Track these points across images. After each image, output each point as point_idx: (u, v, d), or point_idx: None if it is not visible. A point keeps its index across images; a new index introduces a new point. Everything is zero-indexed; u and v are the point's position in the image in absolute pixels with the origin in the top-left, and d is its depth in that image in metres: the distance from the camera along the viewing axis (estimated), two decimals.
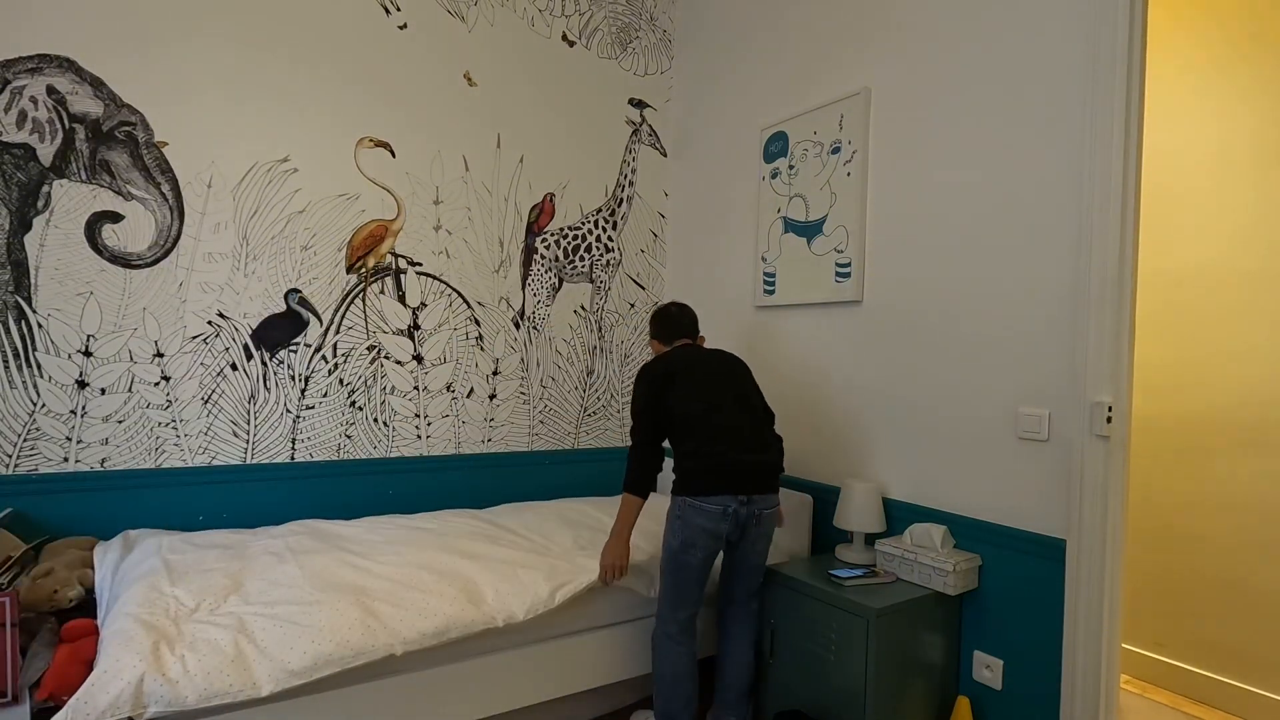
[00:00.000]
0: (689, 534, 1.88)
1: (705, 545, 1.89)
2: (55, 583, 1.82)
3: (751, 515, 1.91)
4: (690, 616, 1.96)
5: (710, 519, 1.87)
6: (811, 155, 2.58)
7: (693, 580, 1.93)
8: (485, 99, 2.88)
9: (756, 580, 2.05)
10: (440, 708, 1.79)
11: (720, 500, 1.87)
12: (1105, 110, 1.72)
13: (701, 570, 1.92)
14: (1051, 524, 1.84)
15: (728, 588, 2.06)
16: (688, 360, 2.05)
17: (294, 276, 2.50)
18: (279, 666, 1.50)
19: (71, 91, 2.14)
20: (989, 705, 1.97)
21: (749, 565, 2.01)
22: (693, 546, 1.89)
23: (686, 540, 1.89)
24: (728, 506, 1.87)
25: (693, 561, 1.90)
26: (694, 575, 1.92)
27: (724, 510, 1.87)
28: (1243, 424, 2.29)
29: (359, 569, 1.90)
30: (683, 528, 1.90)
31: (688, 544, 1.89)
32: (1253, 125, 2.31)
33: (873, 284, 2.35)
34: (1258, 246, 2.29)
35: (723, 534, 1.89)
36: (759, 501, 1.92)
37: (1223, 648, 2.32)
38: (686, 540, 1.89)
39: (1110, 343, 1.71)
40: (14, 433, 2.09)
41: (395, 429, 2.72)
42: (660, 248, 3.40)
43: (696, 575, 1.92)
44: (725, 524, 1.88)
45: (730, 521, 1.88)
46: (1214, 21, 2.40)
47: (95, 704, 1.32)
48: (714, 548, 1.91)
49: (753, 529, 1.93)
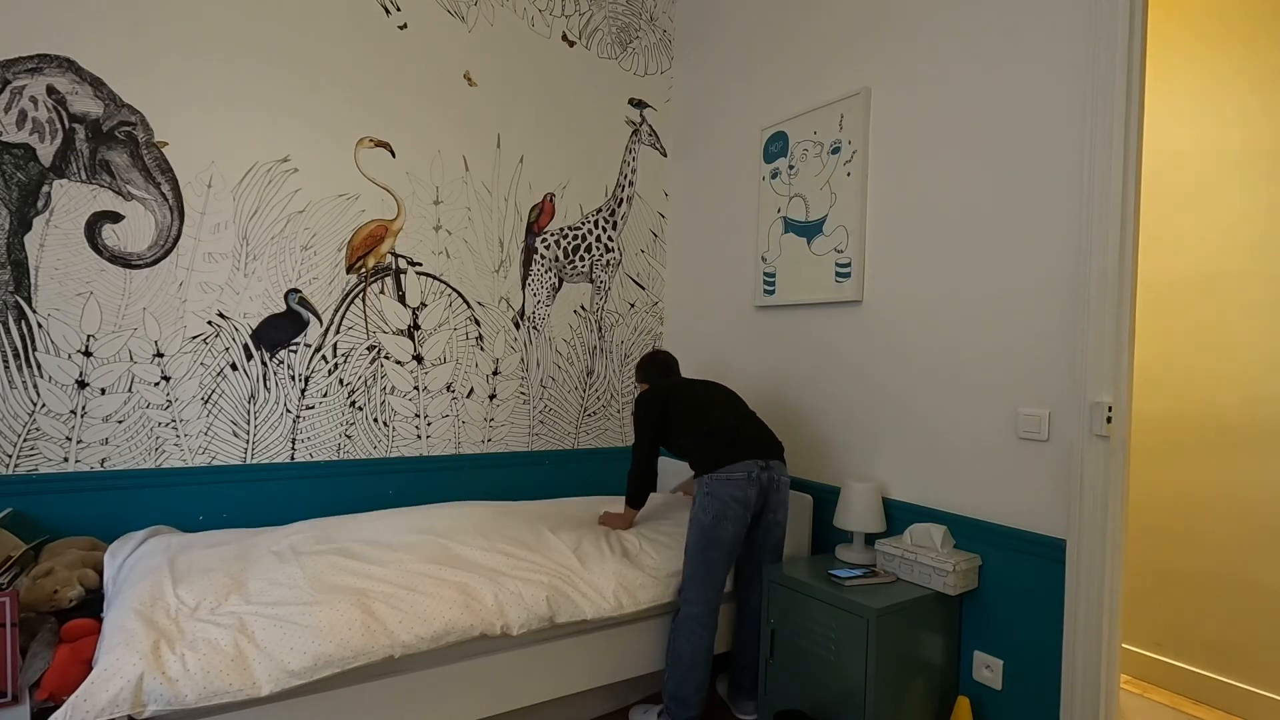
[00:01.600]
0: (720, 506, 2.01)
1: (736, 516, 2.02)
2: (55, 583, 1.82)
3: (772, 481, 2.09)
4: (717, 598, 2.06)
5: (739, 487, 2.02)
6: (811, 155, 2.58)
7: (723, 556, 2.03)
8: (485, 99, 2.88)
9: (778, 558, 2.18)
10: (440, 708, 1.79)
11: (744, 467, 2.04)
12: (1105, 109, 1.72)
13: (731, 546, 2.04)
14: (1051, 524, 1.84)
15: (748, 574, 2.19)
16: (682, 384, 2.33)
17: (294, 276, 2.50)
18: (279, 666, 1.51)
19: (71, 91, 2.14)
20: (989, 705, 1.97)
21: (771, 542, 2.15)
22: (724, 519, 2.01)
23: (719, 514, 2.01)
24: (751, 472, 2.04)
25: (724, 536, 2.02)
26: (724, 551, 2.03)
27: (749, 475, 2.03)
28: (1243, 423, 2.29)
29: (360, 571, 1.89)
30: (714, 502, 2.02)
31: (720, 517, 2.01)
32: (1253, 125, 2.31)
33: (873, 284, 2.35)
34: (1258, 246, 2.29)
35: (750, 502, 2.03)
36: (776, 468, 2.11)
37: (1223, 648, 2.32)
38: (719, 514, 2.01)
39: (1110, 343, 1.71)
40: (14, 433, 2.09)
41: (395, 429, 2.72)
42: (660, 248, 3.40)
43: (727, 551, 2.04)
44: (752, 490, 2.03)
45: (755, 487, 2.04)
46: (1215, 21, 2.40)
47: (95, 701, 1.32)
48: (743, 518, 2.04)
49: (774, 495, 2.10)
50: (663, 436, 2.26)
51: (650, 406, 2.26)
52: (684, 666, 2.01)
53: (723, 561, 2.04)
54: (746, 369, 2.87)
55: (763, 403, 2.77)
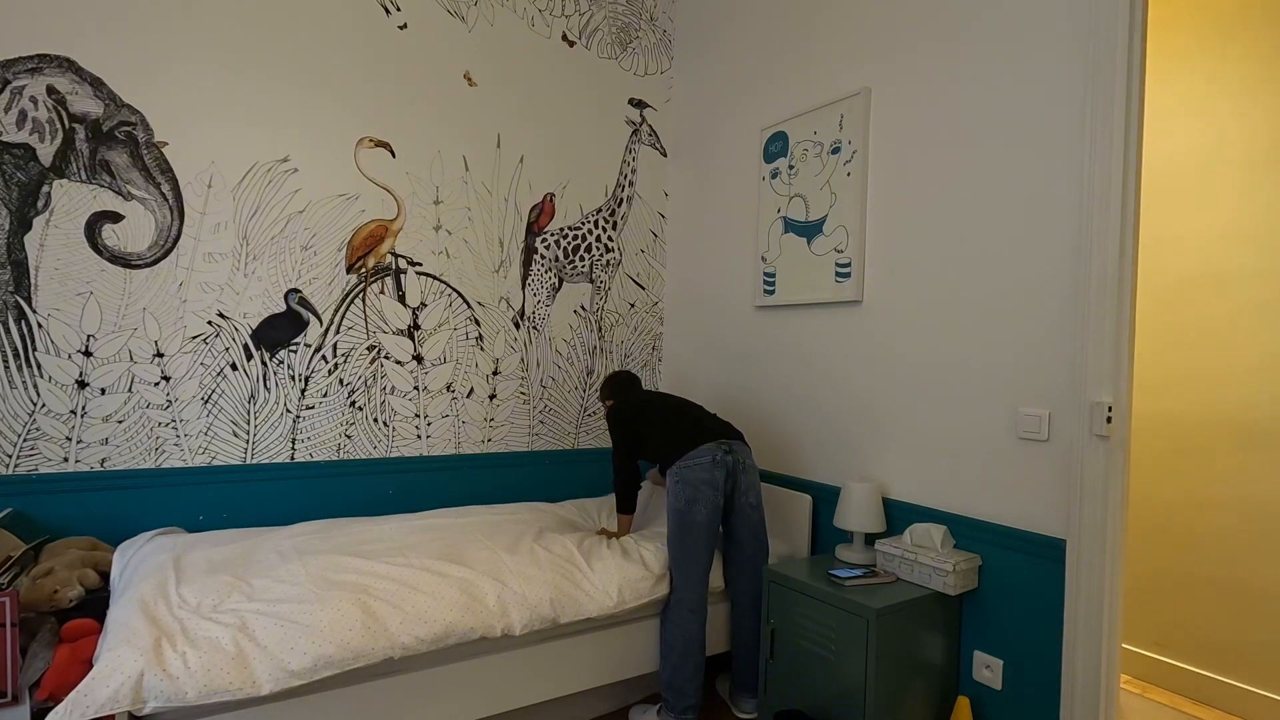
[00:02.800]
0: (691, 490, 2.10)
1: (708, 498, 2.10)
2: (55, 583, 1.82)
3: (737, 463, 2.18)
4: (703, 582, 2.11)
5: (705, 470, 2.11)
6: (811, 155, 2.58)
7: (701, 539, 2.09)
8: (485, 99, 2.88)
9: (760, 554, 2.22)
10: (440, 708, 1.79)
11: (706, 450, 2.14)
12: (1105, 110, 1.72)
13: (709, 529, 2.10)
14: (1051, 524, 1.84)
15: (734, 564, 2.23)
16: (647, 399, 2.43)
17: (294, 276, 2.50)
18: (279, 666, 1.51)
19: (71, 91, 2.14)
20: (989, 705, 1.97)
21: (750, 525, 2.20)
22: (696, 502, 2.09)
23: (690, 498, 2.09)
24: (715, 455, 2.13)
25: (699, 519, 2.09)
26: (702, 534, 2.09)
27: (714, 459, 2.13)
28: (1243, 423, 2.29)
29: (362, 570, 1.89)
30: (684, 486, 2.11)
31: (692, 500, 2.09)
32: (1254, 125, 2.31)
33: (873, 284, 2.35)
34: (1258, 246, 2.29)
35: (718, 483, 2.12)
36: (739, 450, 2.20)
37: (1223, 648, 2.32)
38: (690, 498, 2.09)
39: (1110, 343, 1.71)
40: (14, 433, 2.09)
41: (395, 429, 2.72)
42: (660, 248, 3.40)
43: (705, 534, 2.09)
44: (719, 472, 2.12)
45: (722, 470, 2.13)
46: (1215, 23, 2.40)
47: (95, 696, 1.33)
48: (714, 500, 2.11)
49: (742, 477, 2.18)
50: (636, 448, 2.35)
51: (620, 419, 2.37)
52: (676, 654, 2.05)
53: (702, 547, 2.09)
54: (746, 369, 2.87)
55: (762, 402, 2.78)
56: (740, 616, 2.23)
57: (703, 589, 2.11)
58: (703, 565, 2.11)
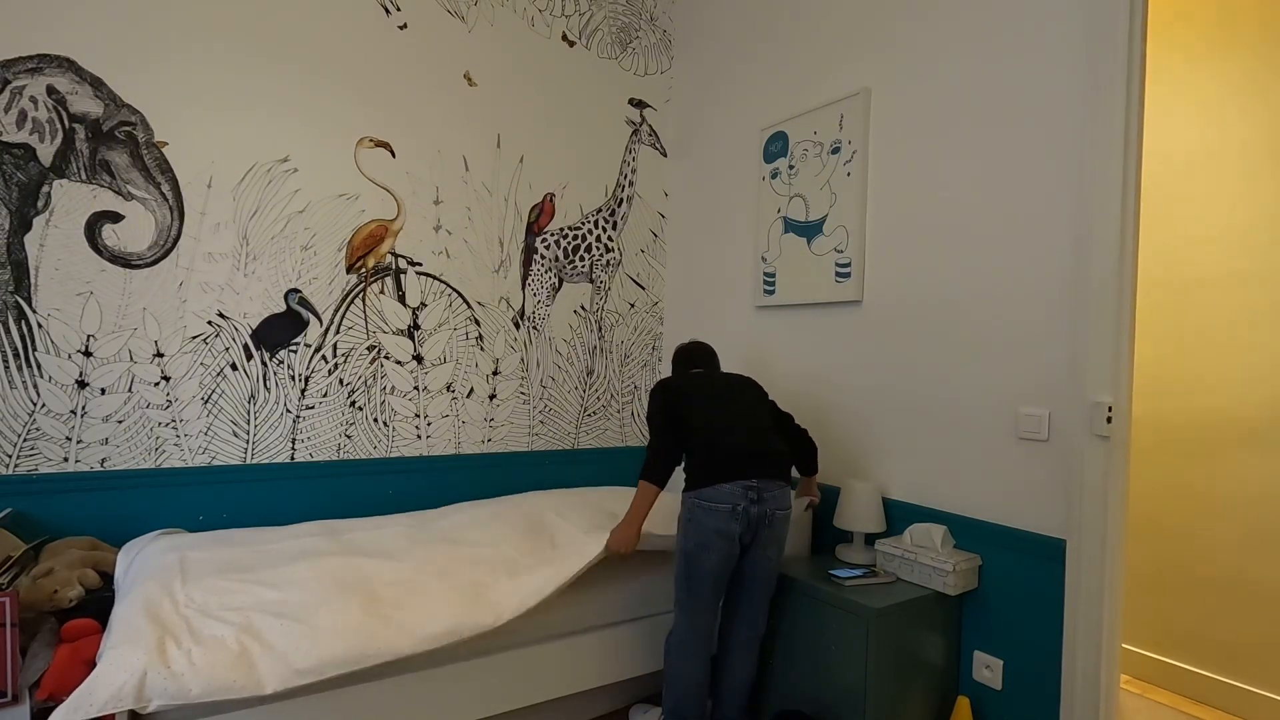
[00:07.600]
0: (702, 535, 1.88)
1: (719, 547, 1.87)
2: (55, 583, 1.82)
3: (764, 516, 1.88)
4: (707, 624, 1.95)
5: (722, 519, 1.85)
6: (811, 155, 2.58)
7: (707, 585, 1.91)
8: (485, 99, 2.88)
9: (765, 597, 1.99)
10: (441, 707, 1.79)
11: (730, 495, 1.85)
12: (1105, 109, 1.72)
13: (717, 576, 1.90)
14: (1051, 524, 1.84)
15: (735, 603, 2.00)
16: (696, 382, 2.11)
17: (294, 276, 2.50)
18: (284, 665, 1.51)
19: (71, 91, 2.14)
20: (989, 705, 1.97)
21: (761, 576, 1.96)
22: (706, 549, 1.88)
23: (700, 542, 1.88)
24: (738, 504, 1.85)
25: (707, 565, 1.88)
26: (709, 580, 1.90)
27: (734, 508, 1.85)
28: (1243, 423, 2.29)
29: (367, 571, 1.89)
30: (695, 530, 1.89)
31: (701, 545, 1.88)
32: (1255, 125, 2.31)
33: (873, 284, 2.35)
34: (1259, 247, 2.29)
35: (734, 534, 1.87)
36: (770, 500, 1.89)
37: (1223, 647, 2.32)
38: (700, 542, 1.88)
39: (1110, 342, 1.71)
40: (14, 433, 2.09)
41: (395, 429, 2.72)
42: (660, 248, 3.40)
43: (712, 581, 1.90)
44: (736, 525, 1.86)
45: (742, 522, 1.86)
46: (1217, 22, 2.41)
47: (99, 695, 1.32)
48: (727, 551, 1.88)
49: (764, 530, 1.90)
50: (672, 428, 1.99)
51: (654, 398, 2.06)
52: (679, 689, 1.94)
53: (708, 588, 1.91)
54: (746, 369, 2.87)
55: None
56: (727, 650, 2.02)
57: (705, 630, 1.95)
58: (708, 608, 1.94)
